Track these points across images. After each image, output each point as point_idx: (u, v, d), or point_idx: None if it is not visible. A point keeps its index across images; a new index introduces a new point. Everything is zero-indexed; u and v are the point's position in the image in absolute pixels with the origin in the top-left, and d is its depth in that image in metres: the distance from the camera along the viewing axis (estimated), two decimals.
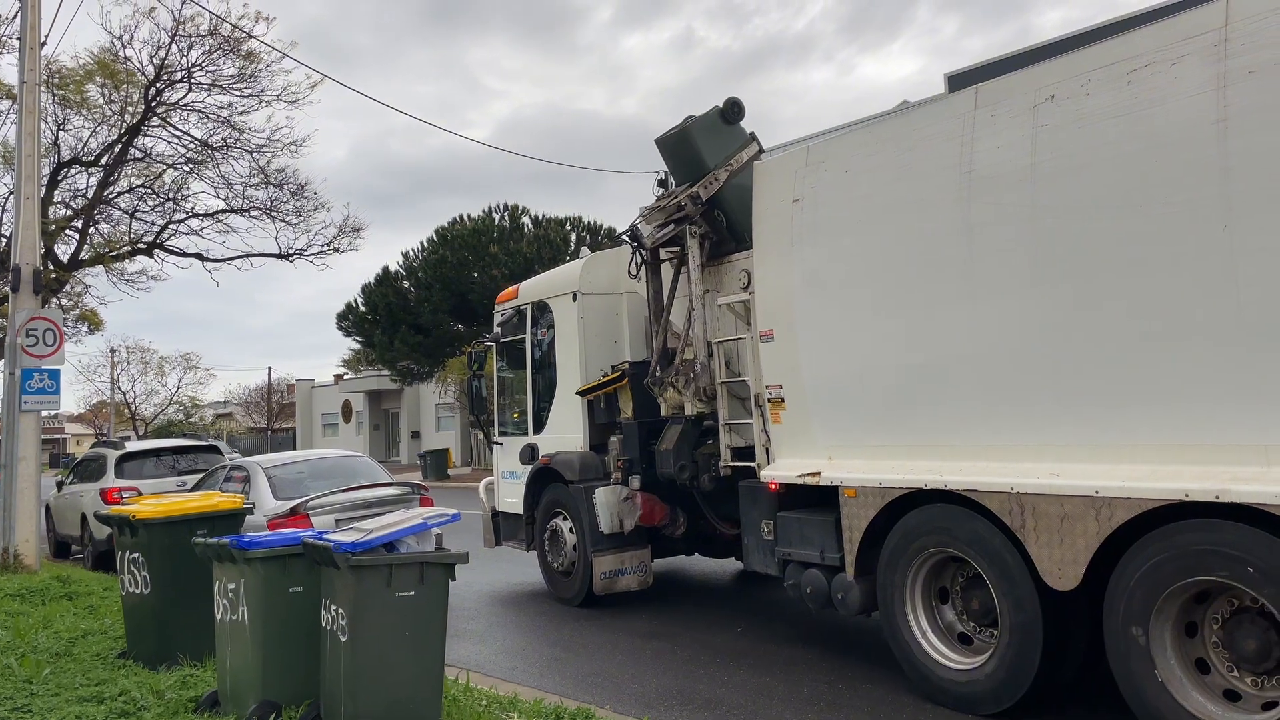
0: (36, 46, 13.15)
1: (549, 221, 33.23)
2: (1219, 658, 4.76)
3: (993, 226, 5.52)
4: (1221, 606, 4.76)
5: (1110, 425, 5.03)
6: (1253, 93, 4.42)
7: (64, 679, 6.52)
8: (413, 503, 10.11)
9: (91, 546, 14.30)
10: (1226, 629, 4.73)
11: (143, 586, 7.00)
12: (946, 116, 5.88)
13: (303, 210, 22.55)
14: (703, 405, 8.20)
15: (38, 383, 12.56)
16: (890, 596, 6.24)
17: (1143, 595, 4.81)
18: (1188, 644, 4.84)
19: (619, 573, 9.17)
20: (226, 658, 5.77)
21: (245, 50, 20.01)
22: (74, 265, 21.17)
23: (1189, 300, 4.66)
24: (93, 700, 5.98)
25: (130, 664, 6.88)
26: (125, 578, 7.18)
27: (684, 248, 8.41)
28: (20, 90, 13.18)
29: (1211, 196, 4.55)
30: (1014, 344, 5.46)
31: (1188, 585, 4.69)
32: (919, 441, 6.04)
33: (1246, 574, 4.42)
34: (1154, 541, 4.77)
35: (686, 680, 6.87)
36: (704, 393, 8.13)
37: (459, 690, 6.02)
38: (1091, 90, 5.07)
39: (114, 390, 62.48)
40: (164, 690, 6.09)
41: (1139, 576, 4.82)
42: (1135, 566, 4.84)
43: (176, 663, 6.69)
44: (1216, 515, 4.54)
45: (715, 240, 8.37)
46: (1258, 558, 4.37)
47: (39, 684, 6.40)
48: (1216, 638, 4.77)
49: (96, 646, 7.55)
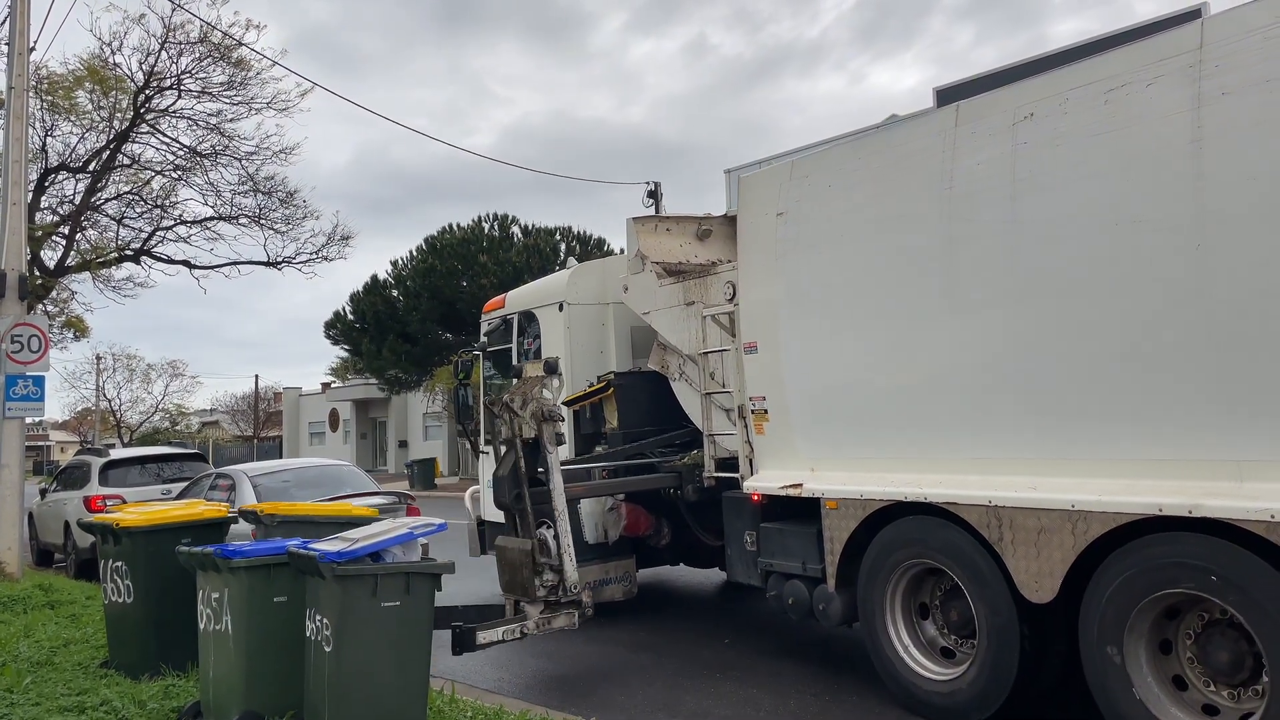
0: (25, 52, 13.10)
1: (539, 231, 33.21)
2: (1195, 673, 4.81)
3: (972, 242, 5.58)
4: (1193, 621, 4.81)
5: (1087, 440, 5.09)
6: (1227, 113, 4.49)
7: (45, 688, 6.46)
8: (399, 512, 10.07)
9: (74, 555, 14.21)
10: (1200, 643, 4.78)
11: (126, 595, 6.95)
12: (928, 133, 5.94)
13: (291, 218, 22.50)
14: (547, 427, 7.88)
15: (22, 389, 12.47)
16: (871, 607, 6.29)
17: (1115, 612, 4.87)
18: (1163, 661, 4.88)
19: (604, 583, 9.14)
20: (210, 668, 5.72)
21: (235, 58, 19.98)
22: (60, 271, 21.04)
23: (1163, 318, 4.73)
24: (74, 710, 5.93)
25: (112, 674, 6.83)
26: (108, 586, 7.12)
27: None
28: (8, 96, 13.14)
29: (1185, 215, 4.62)
30: (993, 359, 5.53)
31: (1158, 599, 4.75)
32: (900, 454, 6.09)
33: (1211, 583, 4.49)
34: (1126, 556, 4.84)
35: (673, 692, 6.85)
36: (541, 414, 7.73)
37: (444, 702, 5.99)
38: (1070, 109, 5.16)
39: (99, 397, 62.13)
40: (146, 700, 6.05)
41: (1111, 592, 4.88)
42: (1108, 581, 4.91)
43: (159, 673, 6.64)
44: (1190, 530, 4.59)
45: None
46: (1221, 566, 4.45)
47: (19, 693, 6.34)
48: (1191, 653, 4.82)
49: (78, 656, 7.48)
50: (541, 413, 7.45)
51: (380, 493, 11.00)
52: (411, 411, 47.18)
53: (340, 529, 6.16)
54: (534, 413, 7.46)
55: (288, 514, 6.74)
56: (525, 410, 7.50)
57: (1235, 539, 4.42)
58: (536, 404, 7.47)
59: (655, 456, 8.96)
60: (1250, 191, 4.41)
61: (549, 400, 7.53)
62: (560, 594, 7.46)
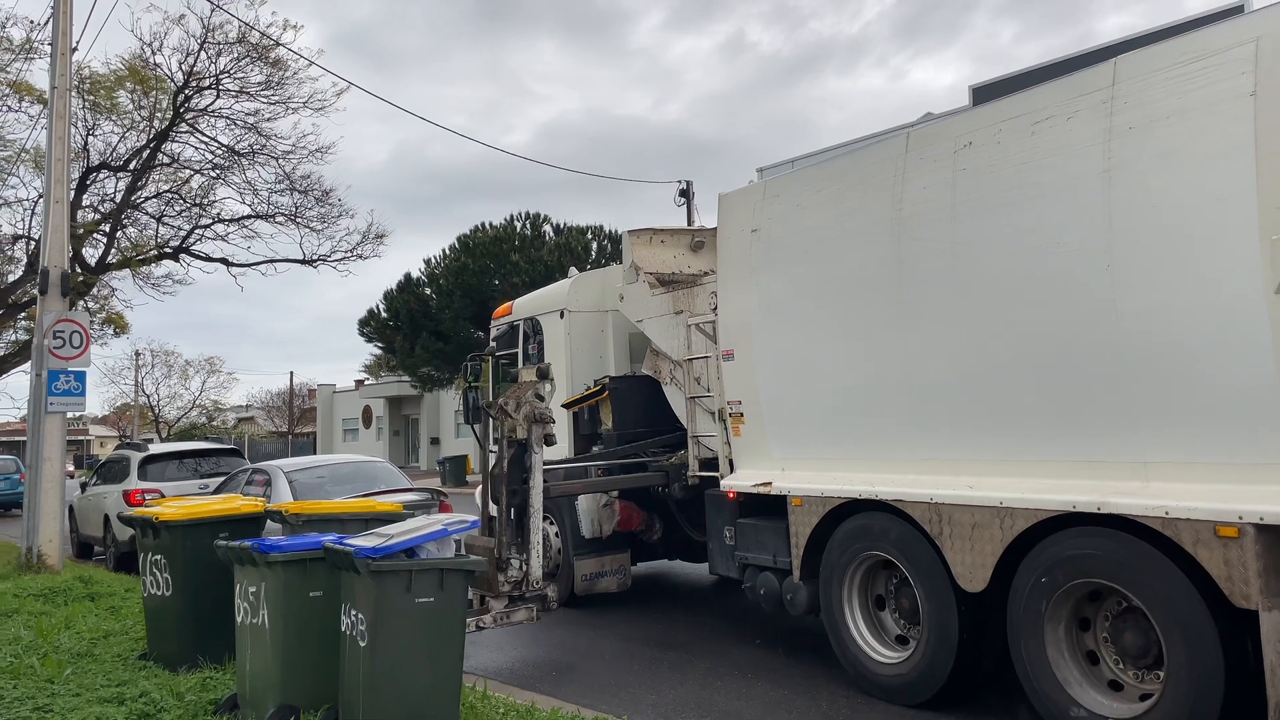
0: (68, 52, 13.32)
1: (570, 230, 33.29)
2: (1107, 651, 5.30)
3: (918, 261, 6.05)
4: (1112, 605, 5.25)
5: (1016, 443, 5.58)
6: (1132, 146, 4.93)
7: (85, 679, 6.58)
8: (433, 509, 10.14)
9: (114, 548, 14.42)
10: (1114, 625, 5.24)
11: (164, 588, 7.05)
12: (883, 158, 6.39)
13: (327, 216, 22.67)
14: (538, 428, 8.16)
15: (64, 384, 12.69)
16: (830, 595, 6.81)
17: (1036, 599, 5.37)
18: (1080, 638, 5.38)
19: (599, 575, 9.64)
20: (246, 661, 5.79)
21: (273, 58, 20.16)
22: (101, 269, 21.35)
23: (1079, 331, 5.17)
24: (113, 701, 6.02)
25: (151, 665, 6.94)
26: (147, 579, 7.23)
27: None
28: (51, 95, 13.34)
29: (1097, 239, 5.05)
30: (936, 369, 5.99)
31: (1075, 588, 5.24)
32: (858, 455, 6.63)
33: (1116, 574, 4.99)
34: (1046, 548, 5.33)
35: (704, 691, 6.85)
36: (533, 416, 8.03)
37: (476, 698, 6.02)
38: (1002, 139, 5.60)
39: (138, 393, 63.09)
40: (184, 692, 6.13)
41: (1033, 581, 5.38)
42: (1031, 571, 5.41)
43: (196, 665, 6.73)
44: (1102, 525, 5.06)
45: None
46: (1124, 559, 4.94)
47: (60, 684, 6.46)
48: (1106, 633, 5.30)
49: (117, 647, 7.61)
50: (533, 415, 7.83)
51: (414, 489, 11.09)
52: (444, 409, 47.48)
53: (365, 525, 6.23)
54: (526, 415, 7.83)
55: (313, 513, 6.81)
56: (519, 413, 7.86)
57: (1140, 535, 4.85)
58: (530, 407, 7.83)
59: (648, 456, 9.39)
60: (1151, 218, 4.83)
61: (541, 404, 7.88)
62: (525, 589, 7.79)
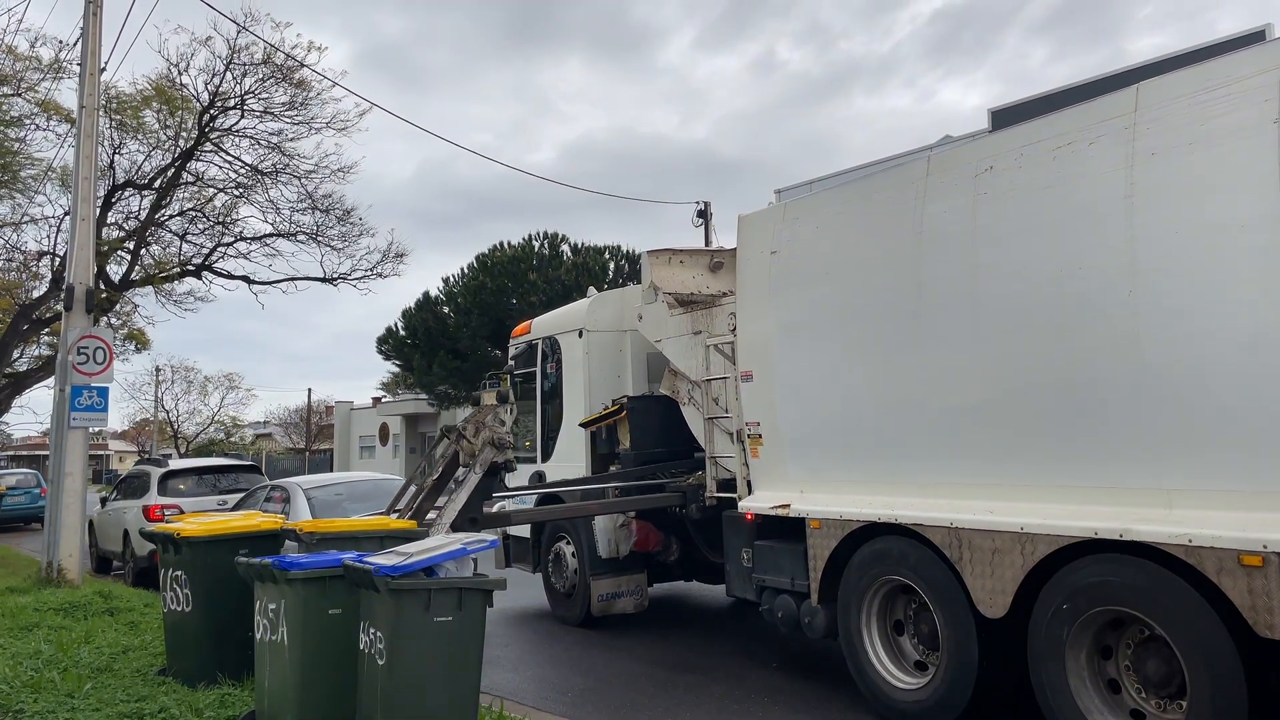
0: (96, 73, 13.52)
1: (588, 249, 33.39)
2: (1129, 680, 5.19)
3: (938, 284, 6.05)
4: (1134, 633, 5.15)
5: (1037, 468, 5.51)
6: (1154, 172, 4.92)
7: (105, 694, 6.62)
8: None
9: (133, 562, 14.51)
10: (1136, 653, 5.16)
11: (184, 604, 7.09)
12: (903, 181, 6.39)
13: (348, 235, 22.87)
14: (496, 453, 8.25)
15: (86, 400, 12.81)
16: (849, 620, 6.72)
17: (1058, 626, 5.27)
18: (1102, 665, 5.29)
19: (616, 595, 9.63)
20: (265, 678, 5.82)
21: (297, 79, 20.42)
22: (125, 285, 21.58)
23: (1100, 356, 5.14)
24: (132, 716, 6.07)
25: (170, 681, 6.96)
26: (167, 595, 7.27)
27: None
28: (79, 115, 13.55)
29: (1119, 265, 5.04)
30: (956, 391, 5.96)
31: (1096, 615, 5.15)
32: (876, 478, 6.56)
33: (1139, 602, 4.91)
34: (1067, 575, 5.26)
35: (719, 715, 6.82)
36: (494, 442, 8.12)
37: (493, 718, 6.02)
38: (1023, 164, 5.59)
39: (158, 409, 63.51)
40: (202, 708, 6.16)
41: (1054, 608, 5.30)
42: (1052, 598, 5.32)
43: (215, 681, 6.75)
44: (1124, 552, 4.98)
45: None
46: (1147, 587, 4.86)
47: (80, 698, 6.50)
48: (1128, 661, 5.20)
49: (137, 663, 7.65)
50: (492, 440, 7.91)
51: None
52: None
53: (381, 544, 6.24)
54: (486, 439, 7.90)
55: (327, 531, 6.84)
56: (478, 437, 7.94)
57: (1163, 562, 4.79)
58: (489, 431, 7.93)
59: (666, 476, 9.36)
60: (1172, 244, 4.82)
61: (502, 429, 7.98)
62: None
